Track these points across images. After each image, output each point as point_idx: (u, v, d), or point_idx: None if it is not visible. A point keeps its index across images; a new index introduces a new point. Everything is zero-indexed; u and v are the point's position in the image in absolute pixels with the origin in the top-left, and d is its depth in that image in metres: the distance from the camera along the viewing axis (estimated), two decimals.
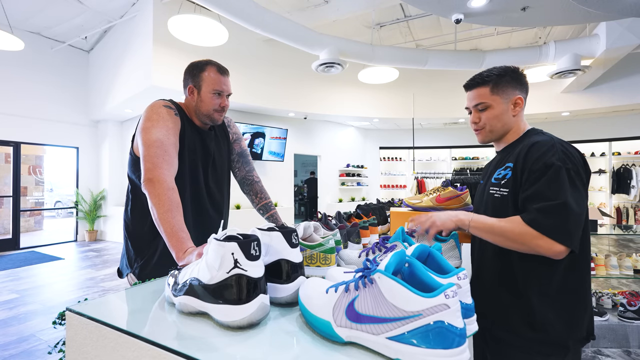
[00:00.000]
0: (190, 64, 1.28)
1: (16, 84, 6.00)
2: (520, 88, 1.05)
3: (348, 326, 0.49)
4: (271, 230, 0.66)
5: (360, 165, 9.20)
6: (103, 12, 5.39)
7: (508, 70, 1.05)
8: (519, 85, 1.05)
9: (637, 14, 3.30)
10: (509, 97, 1.05)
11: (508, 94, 1.04)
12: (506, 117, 1.06)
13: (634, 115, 7.25)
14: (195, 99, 1.26)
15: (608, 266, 2.41)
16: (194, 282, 0.60)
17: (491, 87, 1.05)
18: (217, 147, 1.37)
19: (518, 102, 1.05)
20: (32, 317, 3.07)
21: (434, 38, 6.24)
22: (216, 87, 1.25)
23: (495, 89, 1.05)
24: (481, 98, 1.07)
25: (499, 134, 1.08)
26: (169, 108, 1.19)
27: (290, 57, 6.50)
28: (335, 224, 1.13)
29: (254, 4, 3.80)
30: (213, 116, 1.27)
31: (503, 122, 1.06)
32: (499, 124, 1.06)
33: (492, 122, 1.07)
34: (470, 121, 1.14)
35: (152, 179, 1.00)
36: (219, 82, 1.25)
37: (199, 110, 1.27)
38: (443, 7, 3.64)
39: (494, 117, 1.06)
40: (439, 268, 0.59)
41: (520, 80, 1.06)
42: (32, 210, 8.63)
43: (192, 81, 1.26)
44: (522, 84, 1.06)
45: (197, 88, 1.25)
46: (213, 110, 1.26)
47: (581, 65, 4.65)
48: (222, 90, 1.26)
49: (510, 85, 1.04)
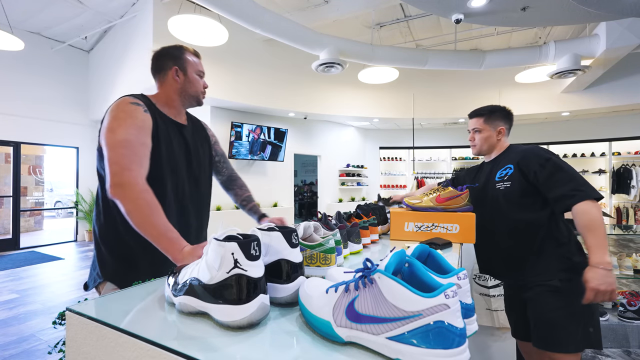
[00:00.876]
0: (165, 48, 1.25)
1: (16, 84, 6.00)
2: (505, 121, 1.57)
3: (348, 326, 0.49)
4: (271, 230, 0.66)
5: (360, 165, 9.20)
6: (103, 12, 5.39)
7: (499, 108, 1.57)
8: (504, 119, 1.57)
9: (637, 14, 3.30)
10: (496, 127, 1.56)
11: (495, 125, 1.56)
12: (492, 140, 1.57)
13: (634, 115, 7.24)
14: (182, 81, 1.23)
15: None
16: (194, 282, 0.60)
17: (484, 118, 1.57)
18: (197, 143, 1.32)
19: (501, 131, 1.56)
20: (32, 317, 3.07)
21: (434, 38, 6.24)
22: (200, 68, 1.27)
23: (487, 120, 1.57)
24: (477, 124, 1.59)
25: (486, 150, 1.60)
26: (137, 105, 1.10)
27: (290, 57, 6.50)
28: (335, 224, 1.13)
29: (254, 4, 3.80)
30: (200, 97, 1.28)
31: (489, 143, 1.58)
32: (486, 144, 1.58)
33: (481, 142, 1.59)
34: (468, 139, 1.67)
35: (122, 183, 0.94)
36: (200, 64, 1.28)
37: (187, 92, 1.24)
38: (443, 7, 3.64)
39: (483, 138, 1.58)
40: (439, 268, 0.59)
41: (507, 116, 1.57)
42: (32, 210, 8.63)
43: (176, 63, 1.22)
44: (507, 118, 1.57)
45: (182, 70, 1.23)
46: (200, 92, 1.27)
47: (581, 65, 4.65)
48: (203, 72, 1.29)
49: (497, 119, 1.56)
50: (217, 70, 5.51)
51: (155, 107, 1.19)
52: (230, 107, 6.32)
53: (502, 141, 1.58)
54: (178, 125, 1.25)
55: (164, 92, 1.24)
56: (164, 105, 1.23)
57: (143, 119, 1.09)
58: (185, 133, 1.27)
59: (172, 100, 1.24)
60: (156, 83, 1.27)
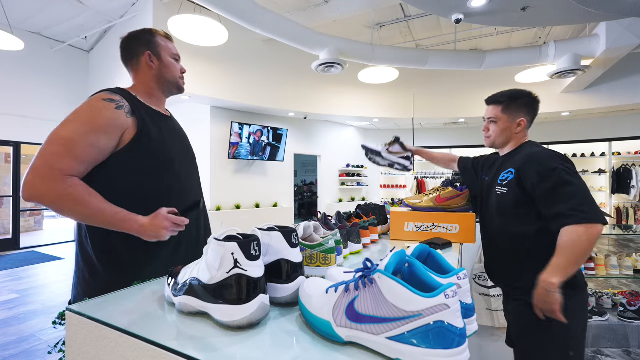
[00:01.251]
0: (133, 34, 1.15)
1: (16, 84, 6.00)
2: (527, 111, 1.32)
3: (348, 326, 0.49)
4: (271, 230, 0.66)
5: (360, 165, 9.20)
6: (103, 12, 5.39)
7: (523, 94, 1.31)
8: (527, 109, 1.32)
9: (637, 14, 3.30)
10: (515, 118, 1.32)
11: (515, 115, 1.32)
12: (508, 133, 1.35)
13: (634, 115, 7.24)
14: (157, 66, 1.14)
15: (608, 266, 2.41)
16: (194, 282, 0.60)
17: (503, 107, 1.33)
18: (183, 135, 1.26)
19: (521, 124, 1.32)
20: (32, 317, 3.07)
21: (434, 38, 6.24)
22: (174, 51, 1.18)
23: (506, 109, 1.33)
24: (493, 113, 1.36)
25: (501, 143, 1.38)
26: (110, 102, 1.00)
27: (290, 57, 6.50)
28: (335, 224, 1.13)
29: (254, 4, 3.80)
30: (179, 82, 1.20)
31: (505, 136, 1.35)
32: (502, 137, 1.36)
33: (496, 134, 1.37)
34: (482, 129, 1.45)
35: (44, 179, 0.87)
36: (173, 47, 1.19)
37: (165, 78, 1.15)
38: (443, 7, 3.64)
39: (499, 130, 1.35)
40: (439, 268, 0.59)
41: (530, 105, 1.32)
42: (32, 211, 8.63)
43: (148, 47, 1.12)
44: (530, 108, 1.32)
45: (155, 55, 1.13)
46: (178, 77, 1.19)
47: (581, 65, 4.65)
48: (179, 56, 1.21)
49: (518, 109, 1.31)
50: (217, 70, 5.51)
51: (137, 100, 1.09)
52: (230, 107, 6.31)
53: (521, 135, 1.35)
54: (165, 117, 1.18)
55: (141, 82, 1.15)
56: (146, 96, 1.14)
57: (110, 117, 0.97)
58: (172, 124, 1.20)
59: (151, 89, 1.15)
60: (130, 73, 1.17)
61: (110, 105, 1.00)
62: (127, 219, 0.94)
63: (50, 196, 0.88)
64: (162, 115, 1.17)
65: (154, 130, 1.07)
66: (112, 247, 0.99)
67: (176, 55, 1.20)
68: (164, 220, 0.96)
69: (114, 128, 0.98)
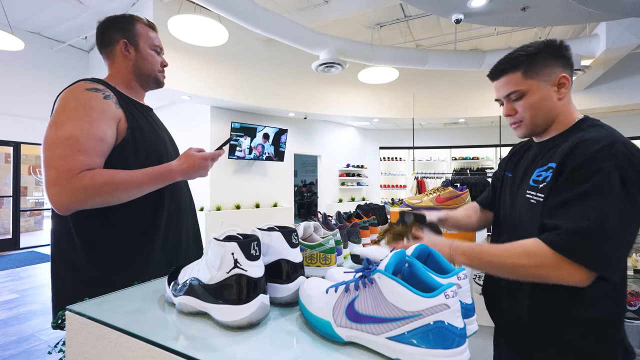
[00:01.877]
0: (110, 18, 1.07)
1: (16, 84, 6.00)
2: (563, 63, 0.83)
3: (348, 326, 0.49)
4: (271, 230, 0.66)
5: (360, 165, 9.20)
6: (103, 12, 5.39)
7: (542, 45, 0.83)
8: (560, 60, 0.83)
9: (637, 14, 3.30)
10: (549, 77, 0.82)
11: (547, 73, 0.82)
12: (549, 104, 0.83)
13: (634, 115, 7.24)
14: (134, 56, 1.05)
15: None
16: (194, 282, 0.60)
17: (523, 70, 0.83)
18: (164, 127, 1.19)
19: (563, 82, 0.82)
20: (32, 317, 3.07)
21: (434, 38, 6.24)
22: (155, 42, 1.09)
23: (529, 72, 0.83)
24: (513, 86, 0.84)
25: (543, 125, 0.86)
26: (96, 91, 0.93)
27: (290, 57, 6.50)
28: (335, 224, 1.13)
29: (254, 4, 3.80)
30: (158, 77, 1.11)
31: (546, 110, 0.83)
32: (540, 114, 0.84)
33: (532, 113, 0.84)
34: (503, 114, 0.90)
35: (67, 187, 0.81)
36: (156, 37, 1.10)
37: (141, 70, 1.06)
38: (443, 7, 3.64)
39: (532, 105, 0.83)
40: (439, 268, 0.59)
41: (561, 54, 0.83)
42: (32, 210, 8.63)
43: (124, 35, 1.04)
44: (563, 58, 0.83)
45: (132, 44, 1.04)
46: (157, 70, 1.10)
47: (581, 65, 4.65)
48: (161, 47, 1.12)
49: (548, 63, 0.82)
50: (217, 70, 5.51)
51: (117, 91, 1.02)
52: (230, 107, 6.31)
53: (567, 103, 0.85)
54: (148, 109, 1.12)
55: (117, 72, 1.07)
56: (124, 87, 1.06)
57: (103, 107, 0.91)
58: (154, 116, 1.14)
59: (128, 80, 1.07)
60: (106, 62, 1.09)
61: (98, 95, 0.93)
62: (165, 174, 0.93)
63: (86, 197, 0.83)
64: (145, 106, 1.12)
65: (143, 123, 1.02)
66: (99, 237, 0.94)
67: (157, 46, 1.10)
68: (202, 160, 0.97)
69: (109, 118, 0.92)
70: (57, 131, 0.86)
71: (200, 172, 0.98)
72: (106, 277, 0.91)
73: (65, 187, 0.82)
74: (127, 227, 0.95)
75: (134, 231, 0.96)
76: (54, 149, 0.85)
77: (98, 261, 0.93)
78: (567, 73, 0.83)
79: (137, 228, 0.97)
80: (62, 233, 0.95)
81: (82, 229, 0.93)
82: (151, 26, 1.11)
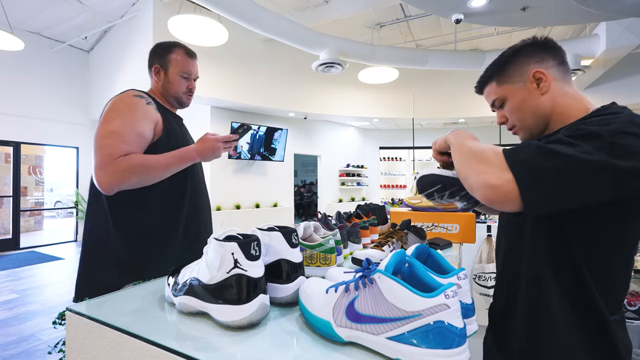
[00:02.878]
0: (157, 44, 1.27)
1: (16, 84, 6.00)
2: (537, 59, 0.80)
3: (348, 326, 0.49)
4: (271, 230, 0.66)
5: (360, 165, 9.20)
6: (103, 12, 5.39)
7: (509, 50, 0.84)
8: (533, 56, 0.81)
9: (637, 14, 3.30)
10: (522, 77, 0.81)
11: (519, 74, 0.82)
12: (532, 102, 0.81)
13: None
14: (162, 79, 1.23)
15: None
16: (194, 282, 0.60)
17: (496, 79, 0.85)
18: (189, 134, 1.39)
19: (539, 77, 0.79)
20: (32, 317, 3.07)
21: (434, 38, 6.24)
22: (184, 69, 1.25)
23: (501, 78, 0.85)
24: (493, 95, 0.87)
25: (536, 124, 0.83)
26: (141, 97, 1.13)
27: (290, 57, 6.50)
28: (335, 224, 1.13)
29: (254, 4, 3.80)
30: (182, 98, 1.27)
31: (532, 110, 0.81)
32: (526, 114, 0.82)
33: (517, 115, 0.84)
34: (497, 123, 0.94)
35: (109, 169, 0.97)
36: (187, 64, 1.25)
37: (166, 92, 1.25)
38: (443, 7, 3.64)
39: (515, 109, 0.84)
40: (439, 268, 0.59)
41: (533, 50, 0.81)
42: (32, 210, 8.63)
43: (159, 61, 1.23)
44: (537, 53, 0.81)
45: (164, 69, 1.23)
46: (182, 93, 1.26)
47: (581, 65, 4.65)
48: (190, 74, 1.26)
49: (518, 64, 0.82)
50: (217, 70, 5.51)
51: (157, 101, 1.21)
52: (230, 107, 6.32)
53: (556, 94, 0.80)
54: (178, 118, 1.31)
55: (154, 88, 1.27)
56: (160, 100, 1.26)
57: (145, 111, 1.10)
58: (183, 125, 1.35)
59: (161, 95, 1.27)
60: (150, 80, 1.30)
61: (142, 101, 1.12)
62: (185, 155, 1.10)
63: (124, 177, 0.98)
64: (177, 116, 1.31)
65: (176, 128, 1.22)
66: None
67: (186, 72, 1.25)
68: (214, 142, 1.15)
69: (149, 120, 1.10)
70: (106, 126, 1.03)
71: (214, 153, 1.15)
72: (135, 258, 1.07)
73: (107, 169, 0.98)
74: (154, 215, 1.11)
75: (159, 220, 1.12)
76: (102, 140, 1.01)
77: (127, 243, 1.07)
78: (543, 67, 0.80)
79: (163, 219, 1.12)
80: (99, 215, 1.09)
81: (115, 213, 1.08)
82: (189, 54, 1.27)
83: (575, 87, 0.82)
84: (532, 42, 0.82)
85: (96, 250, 1.09)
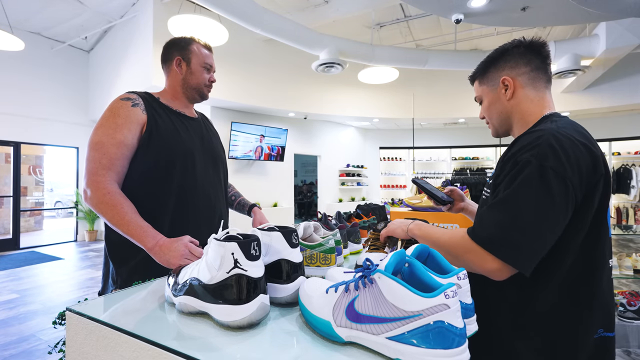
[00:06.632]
0: (174, 39, 1.25)
1: (16, 84, 6.00)
2: (511, 65, 0.87)
3: (348, 326, 0.49)
4: (271, 230, 0.66)
5: (360, 165, 9.20)
6: (103, 12, 5.39)
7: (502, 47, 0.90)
8: (508, 62, 0.87)
9: (637, 14, 3.30)
10: (495, 82, 0.90)
11: (493, 78, 0.90)
12: (498, 106, 0.90)
13: (634, 115, 7.24)
14: (184, 71, 1.22)
15: None
16: (194, 282, 0.60)
17: (479, 79, 0.96)
18: (210, 134, 1.33)
19: (508, 84, 0.86)
20: (32, 317, 3.07)
21: (434, 38, 6.24)
22: (206, 60, 1.25)
23: (482, 79, 0.95)
24: (476, 92, 0.98)
25: (502, 125, 0.93)
26: (127, 100, 1.10)
27: (290, 57, 6.50)
28: (335, 224, 1.13)
29: (254, 4, 3.80)
30: (203, 90, 1.27)
31: (498, 112, 0.91)
32: (494, 115, 0.93)
33: (488, 114, 0.95)
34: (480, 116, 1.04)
35: (87, 189, 1.00)
36: (208, 56, 1.27)
37: (189, 84, 1.23)
38: (443, 7, 3.64)
39: (486, 108, 0.94)
40: (439, 268, 0.59)
41: (512, 56, 0.87)
42: (32, 210, 8.63)
43: (180, 53, 1.22)
44: (513, 59, 0.87)
45: (185, 60, 1.22)
46: (203, 85, 1.26)
47: (581, 65, 4.65)
48: (211, 65, 1.27)
49: (495, 68, 0.90)
50: (217, 70, 5.45)
51: (158, 101, 1.18)
52: (230, 107, 6.32)
53: (520, 101, 0.86)
54: (186, 118, 1.25)
55: (170, 85, 1.25)
56: (171, 99, 1.23)
57: (127, 114, 1.07)
58: (196, 125, 1.27)
59: (176, 92, 1.24)
60: (165, 77, 1.27)
61: (127, 104, 1.09)
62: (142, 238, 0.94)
63: (91, 205, 1.00)
64: (183, 115, 1.24)
65: (166, 125, 1.14)
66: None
67: (208, 64, 1.25)
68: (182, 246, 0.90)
69: (132, 124, 1.07)
70: (93, 135, 1.05)
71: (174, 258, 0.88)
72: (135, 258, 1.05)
73: (89, 187, 1.00)
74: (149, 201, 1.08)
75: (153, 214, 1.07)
76: (89, 151, 1.04)
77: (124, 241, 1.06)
78: (514, 73, 0.86)
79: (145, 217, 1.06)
80: None
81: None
82: (207, 47, 1.27)
83: (543, 90, 0.87)
84: (517, 44, 0.87)
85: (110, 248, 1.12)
